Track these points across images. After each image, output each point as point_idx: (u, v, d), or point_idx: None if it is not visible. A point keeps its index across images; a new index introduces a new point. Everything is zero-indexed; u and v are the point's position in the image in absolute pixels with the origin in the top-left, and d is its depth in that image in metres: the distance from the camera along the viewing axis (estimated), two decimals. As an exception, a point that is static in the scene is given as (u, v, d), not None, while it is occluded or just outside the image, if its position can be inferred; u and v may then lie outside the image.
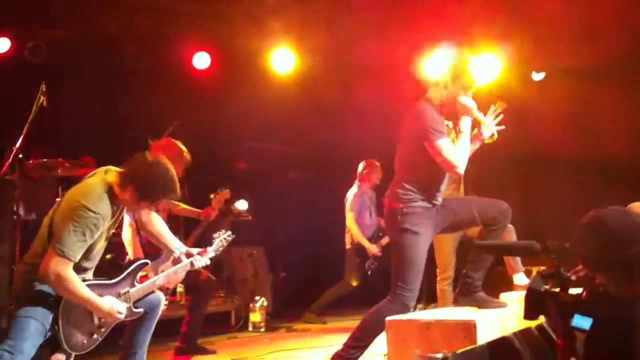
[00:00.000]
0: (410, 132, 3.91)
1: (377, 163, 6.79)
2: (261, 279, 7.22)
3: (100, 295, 3.37)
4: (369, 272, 6.58)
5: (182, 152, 4.80)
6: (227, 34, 6.90)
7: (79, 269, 3.32)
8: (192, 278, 4.89)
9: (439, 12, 6.51)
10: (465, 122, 3.85)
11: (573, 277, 2.17)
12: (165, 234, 3.90)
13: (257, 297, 6.43)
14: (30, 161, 4.94)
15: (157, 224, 3.89)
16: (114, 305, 3.41)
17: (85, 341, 3.37)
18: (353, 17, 6.42)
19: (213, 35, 7.05)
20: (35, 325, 3.21)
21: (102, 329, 3.45)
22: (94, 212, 3.27)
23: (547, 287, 2.14)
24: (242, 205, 6.57)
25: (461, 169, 3.81)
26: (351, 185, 6.81)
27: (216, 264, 6.05)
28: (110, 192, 3.38)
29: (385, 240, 6.66)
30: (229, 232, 4.20)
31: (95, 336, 3.42)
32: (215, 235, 4.15)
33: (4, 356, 3.10)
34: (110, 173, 3.45)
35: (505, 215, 4.00)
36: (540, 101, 7.24)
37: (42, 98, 4.67)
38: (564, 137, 7.03)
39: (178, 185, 3.53)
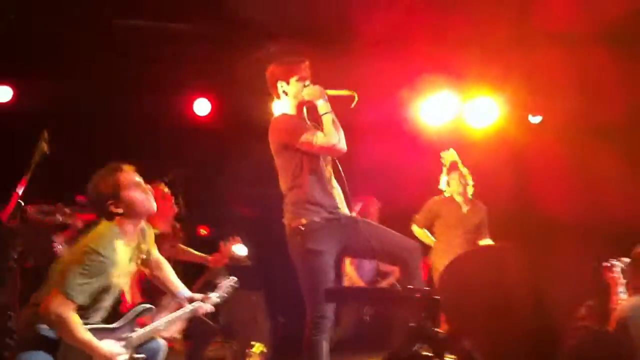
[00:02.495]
0: (276, 150, 3.92)
1: (376, 202, 6.76)
2: (259, 324, 7.16)
3: (100, 339, 3.36)
4: (367, 318, 6.54)
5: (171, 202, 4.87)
6: (227, 80, 6.99)
7: (87, 315, 3.31)
8: (190, 324, 4.87)
9: (436, 57, 6.61)
10: (321, 105, 3.82)
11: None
12: (171, 278, 3.91)
13: (254, 343, 6.37)
14: (30, 208, 4.95)
15: (164, 268, 3.91)
16: (113, 350, 3.39)
17: (87, 389, 3.35)
18: (351, 64, 6.50)
19: (214, 82, 7.14)
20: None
21: None
22: (102, 256, 3.31)
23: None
24: (241, 250, 6.55)
25: (339, 144, 3.76)
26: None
27: (214, 309, 6.02)
28: (117, 232, 3.41)
29: (384, 283, 6.65)
30: (235, 279, 4.21)
31: (97, 383, 3.39)
32: (218, 281, 4.16)
33: None
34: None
35: (414, 255, 3.90)
36: (537, 144, 7.28)
37: (44, 145, 4.71)
38: (561, 182, 7.04)
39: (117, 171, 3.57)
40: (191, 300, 3.91)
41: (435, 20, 6.07)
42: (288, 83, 3.95)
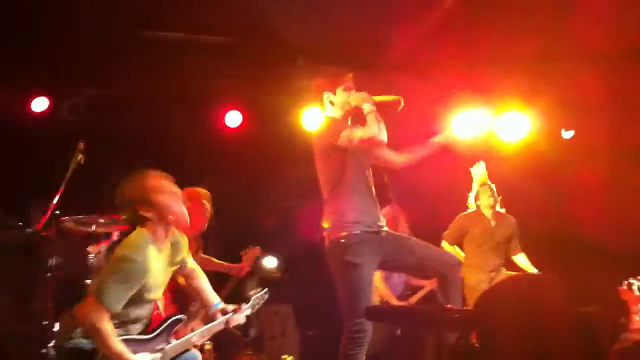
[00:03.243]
0: (318, 152, 3.92)
1: (402, 211, 6.70)
2: (289, 337, 7.14)
3: (135, 351, 3.35)
4: (398, 331, 6.49)
5: (204, 202, 4.85)
6: (258, 93, 7.04)
7: (123, 323, 3.34)
8: (220, 334, 4.89)
9: (467, 72, 6.58)
10: (366, 107, 3.85)
11: None
12: (206, 289, 3.92)
13: (284, 356, 6.36)
14: (66, 217, 5.02)
15: (199, 277, 3.92)
16: None
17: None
18: (380, 75, 6.51)
19: (244, 95, 7.19)
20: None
21: None
22: (134, 262, 3.31)
23: None
24: (271, 262, 6.56)
25: (379, 136, 3.77)
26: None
27: (245, 320, 6.07)
28: (149, 239, 3.43)
29: (414, 298, 6.59)
30: (265, 290, 4.20)
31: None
32: (251, 292, 4.16)
33: None
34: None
35: (455, 270, 3.89)
36: (569, 159, 7.20)
37: (80, 156, 4.77)
38: (593, 199, 6.94)
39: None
40: (224, 312, 3.91)
41: (464, 36, 6.05)
42: (334, 93, 4.01)
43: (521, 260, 6.31)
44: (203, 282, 3.93)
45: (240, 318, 3.95)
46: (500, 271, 6.20)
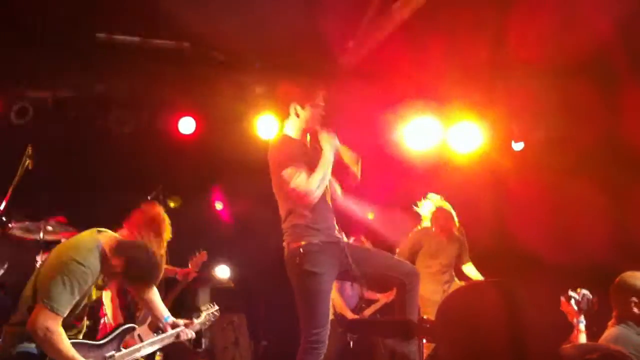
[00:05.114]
0: (273, 166, 3.87)
1: (363, 238, 6.74)
2: (242, 347, 7.08)
3: (85, 356, 3.30)
4: (351, 343, 6.47)
5: (161, 217, 4.79)
6: (212, 99, 6.96)
7: (66, 327, 3.26)
8: (171, 345, 4.82)
9: (419, 83, 6.64)
10: (327, 151, 3.79)
11: None
12: (156, 302, 3.89)
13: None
14: (12, 224, 4.88)
15: (150, 291, 3.86)
16: None
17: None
18: (337, 85, 6.53)
19: (198, 100, 7.10)
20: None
21: None
22: (84, 266, 3.25)
23: None
24: (223, 272, 6.49)
25: (311, 196, 3.68)
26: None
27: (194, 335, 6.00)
28: (100, 249, 3.35)
29: (368, 311, 6.59)
30: (217, 308, 4.19)
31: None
32: (203, 308, 4.15)
33: None
34: (104, 233, 3.45)
35: (414, 279, 3.89)
36: (519, 170, 7.32)
37: (27, 161, 4.66)
38: (540, 210, 7.06)
39: (160, 273, 3.52)
40: (174, 325, 3.88)
41: (417, 46, 6.10)
42: (303, 108, 3.91)
43: (470, 270, 6.40)
44: (154, 295, 3.89)
45: (190, 332, 3.92)
46: (452, 281, 6.26)
